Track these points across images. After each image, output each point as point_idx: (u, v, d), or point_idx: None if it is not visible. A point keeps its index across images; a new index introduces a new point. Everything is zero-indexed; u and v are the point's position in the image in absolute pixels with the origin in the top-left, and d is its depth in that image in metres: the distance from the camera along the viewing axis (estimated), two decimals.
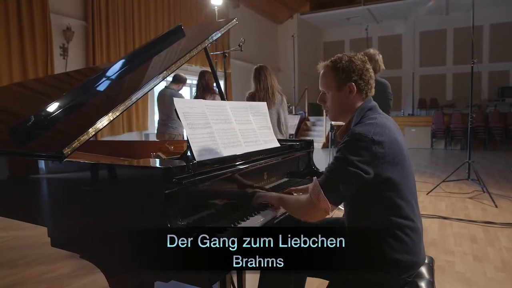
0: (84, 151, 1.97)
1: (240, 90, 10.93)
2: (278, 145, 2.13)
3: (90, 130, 1.43)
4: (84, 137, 1.41)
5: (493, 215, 3.99)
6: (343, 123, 1.53)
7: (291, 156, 2.15)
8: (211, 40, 2.16)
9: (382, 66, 3.34)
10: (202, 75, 4.04)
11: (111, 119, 1.53)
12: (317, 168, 2.43)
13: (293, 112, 11.08)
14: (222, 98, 2.73)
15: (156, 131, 4.69)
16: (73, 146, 1.37)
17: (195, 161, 1.38)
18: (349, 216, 1.44)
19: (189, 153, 1.48)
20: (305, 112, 13.14)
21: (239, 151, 1.75)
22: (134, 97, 1.61)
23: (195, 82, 4.58)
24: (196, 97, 4.12)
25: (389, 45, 15.63)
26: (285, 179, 2.17)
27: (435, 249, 3.06)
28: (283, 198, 1.49)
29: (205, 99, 4.02)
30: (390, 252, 1.32)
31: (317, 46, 16.76)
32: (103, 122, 1.49)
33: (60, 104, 1.75)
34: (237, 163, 1.61)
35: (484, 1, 10.50)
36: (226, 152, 1.67)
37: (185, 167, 1.27)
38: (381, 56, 3.35)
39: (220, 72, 5.98)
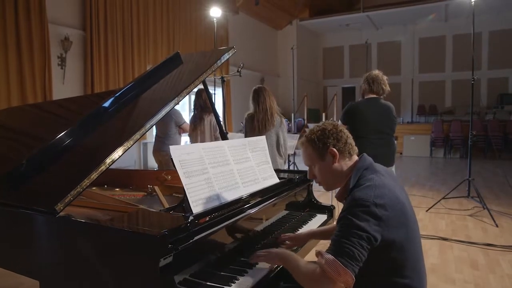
0: None
1: (239, 98, 10.89)
2: (277, 180, 2.10)
3: (85, 181, 1.39)
4: (78, 190, 1.37)
5: (494, 236, 3.95)
6: None
7: (290, 192, 2.11)
8: (210, 72, 2.12)
9: (388, 88, 3.28)
10: (199, 95, 4.01)
11: (108, 165, 1.49)
12: (316, 201, 2.39)
13: (292, 131, 11.02)
14: (218, 121, 2.70)
15: (153, 146, 4.62)
16: (66, 201, 1.33)
17: (192, 217, 1.33)
18: None
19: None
20: (304, 119, 13.11)
21: (237, 194, 1.72)
22: (131, 142, 1.57)
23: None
24: (194, 116, 4.09)
25: (388, 52, 15.66)
26: (285, 212, 2.14)
27: (436, 275, 3.02)
28: (290, 260, 1.36)
29: (203, 118, 4.03)
30: None
31: (317, 52, 16.76)
32: (100, 168, 1.46)
33: (57, 143, 1.71)
34: (235, 211, 1.56)
35: (483, 8, 10.48)
36: (224, 197, 1.63)
37: (180, 228, 1.23)
38: (385, 77, 3.30)
39: (218, 79, 5.94)
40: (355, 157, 1.46)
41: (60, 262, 1.35)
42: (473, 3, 4.90)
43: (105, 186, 2.54)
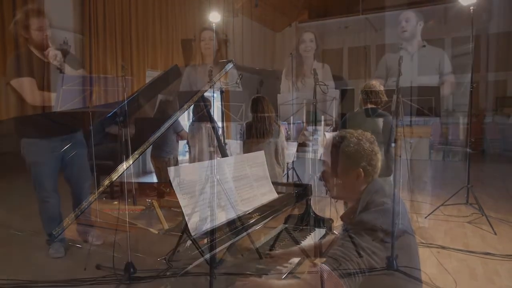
0: None
1: (238, 99, 10.87)
2: (276, 195, 2.10)
3: (83, 204, 1.39)
4: (76, 213, 1.37)
5: (492, 245, 3.95)
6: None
7: (289, 208, 2.11)
8: (208, 87, 2.12)
9: (385, 98, 3.30)
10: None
11: (106, 187, 1.49)
12: (315, 214, 2.39)
13: (291, 138, 10.98)
14: (217, 135, 2.71)
15: (150, 152, 4.61)
16: (64, 225, 1.32)
17: (190, 241, 1.33)
18: None
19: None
20: (303, 122, 13.09)
21: (236, 212, 1.71)
22: (129, 162, 1.57)
23: None
24: (192, 124, 4.09)
25: (387, 54, 15.64)
26: (283, 226, 2.14)
27: (434, 286, 3.01)
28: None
29: (201, 127, 4.03)
30: None
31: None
32: (99, 190, 1.46)
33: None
34: (234, 231, 1.56)
35: (482, 11, 10.48)
36: (223, 217, 1.63)
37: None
38: (382, 87, 3.31)
39: (217, 89, 5.97)
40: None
41: None
42: (472, 10, 4.89)
43: (104, 198, 2.54)
